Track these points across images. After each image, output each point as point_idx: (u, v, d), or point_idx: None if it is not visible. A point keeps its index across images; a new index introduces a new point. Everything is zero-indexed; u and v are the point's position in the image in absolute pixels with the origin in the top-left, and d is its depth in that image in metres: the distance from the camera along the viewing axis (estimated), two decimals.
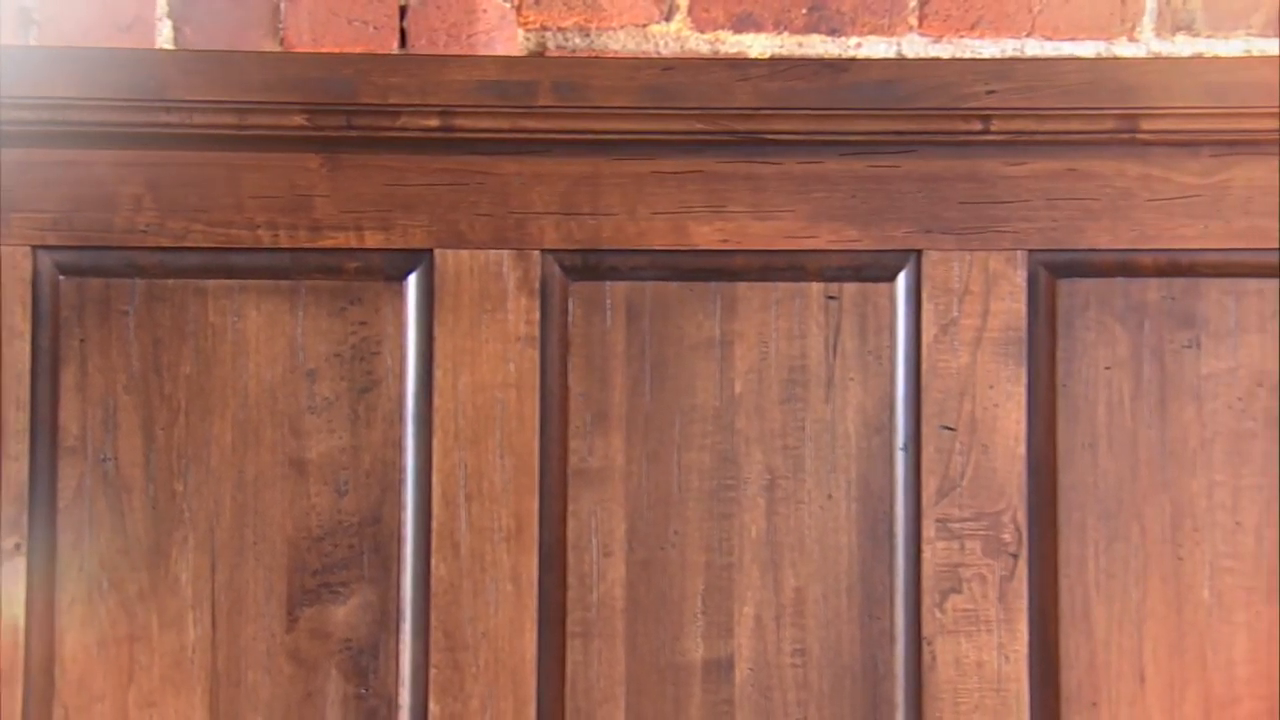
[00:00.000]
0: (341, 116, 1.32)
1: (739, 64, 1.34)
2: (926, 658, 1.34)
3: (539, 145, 1.35)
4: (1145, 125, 1.33)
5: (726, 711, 1.35)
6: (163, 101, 1.31)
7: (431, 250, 1.35)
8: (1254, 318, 1.37)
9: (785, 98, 1.33)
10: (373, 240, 1.35)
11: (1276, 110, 1.32)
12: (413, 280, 1.36)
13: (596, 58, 1.43)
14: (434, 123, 1.33)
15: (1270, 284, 1.37)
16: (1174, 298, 1.37)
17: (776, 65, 1.34)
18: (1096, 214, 1.36)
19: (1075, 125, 1.33)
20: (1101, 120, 1.33)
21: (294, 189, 1.35)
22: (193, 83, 1.31)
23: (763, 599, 1.35)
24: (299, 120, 1.32)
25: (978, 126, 1.33)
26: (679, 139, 1.34)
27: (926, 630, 1.34)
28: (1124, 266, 1.36)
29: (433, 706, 1.33)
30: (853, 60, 1.35)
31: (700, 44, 1.46)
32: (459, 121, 1.33)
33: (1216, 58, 1.40)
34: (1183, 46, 1.46)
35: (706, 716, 1.35)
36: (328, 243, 1.35)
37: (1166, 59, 1.41)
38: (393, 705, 1.34)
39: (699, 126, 1.33)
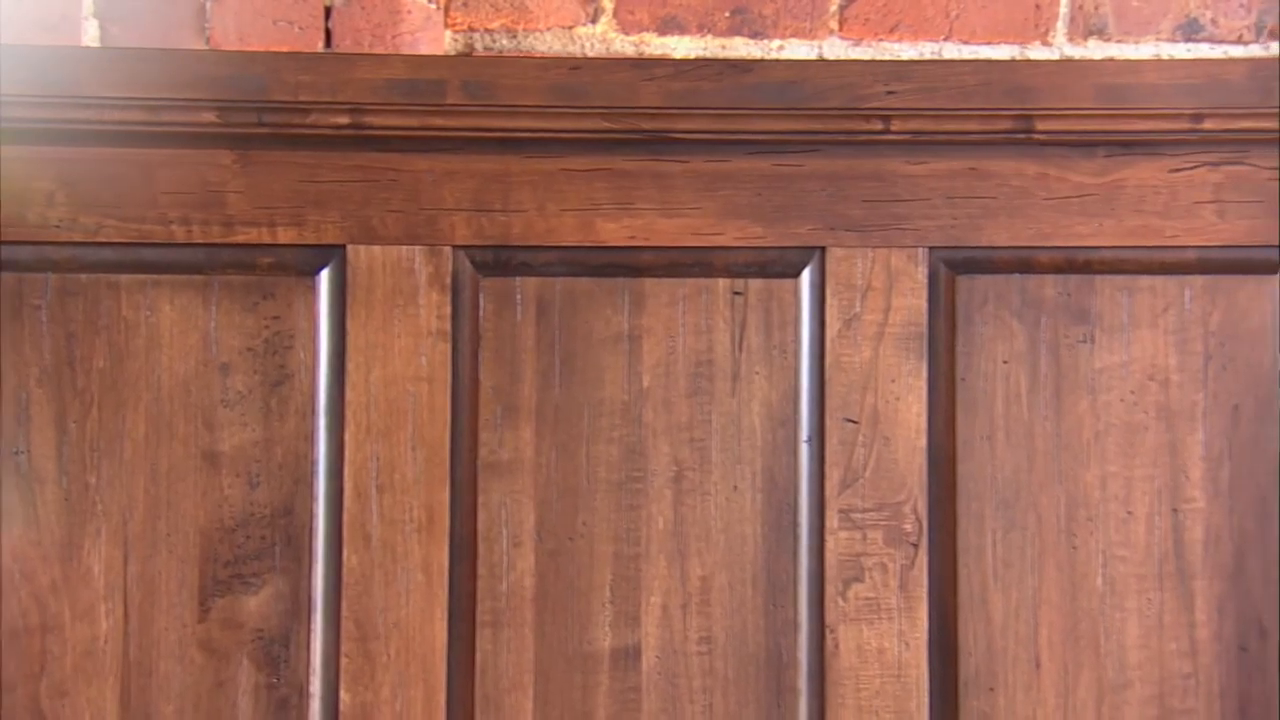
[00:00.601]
0: (252, 113, 1.33)
1: (644, 64, 1.36)
2: (829, 645, 1.36)
3: (449, 143, 1.36)
4: (1040, 126, 1.35)
5: (634, 699, 1.36)
6: (75, 98, 1.31)
7: (344, 246, 1.36)
8: (1146, 313, 1.40)
9: (690, 97, 1.34)
10: (285, 236, 1.36)
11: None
12: (325, 275, 1.37)
13: (503, 57, 1.44)
14: (344, 120, 1.34)
15: (1161, 280, 1.40)
16: (1069, 294, 1.39)
17: (681, 66, 1.35)
18: (995, 212, 1.38)
19: (972, 125, 1.35)
20: (998, 120, 1.35)
21: (206, 185, 1.35)
22: (105, 79, 1.31)
23: (669, 588, 1.37)
24: (210, 117, 1.33)
25: (878, 126, 1.35)
26: (587, 137, 1.35)
27: (829, 618, 1.36)
28: (1021, 263, 1.38)
29: (344, 695, 1.34)
30: (757, 61, 1.37)
31: (626, 46, 1.48)
32: (369, 119, 1.34)
33: (1109, 60, 1.43)
34: (1095, 50, 1.48)
35: (614, 704, 1.36)
36: (240, 238, 1.36)
37: (1059, 61, 1.44)
38: (304, 694, 1.35)
39: (606, 125, 1.35)
